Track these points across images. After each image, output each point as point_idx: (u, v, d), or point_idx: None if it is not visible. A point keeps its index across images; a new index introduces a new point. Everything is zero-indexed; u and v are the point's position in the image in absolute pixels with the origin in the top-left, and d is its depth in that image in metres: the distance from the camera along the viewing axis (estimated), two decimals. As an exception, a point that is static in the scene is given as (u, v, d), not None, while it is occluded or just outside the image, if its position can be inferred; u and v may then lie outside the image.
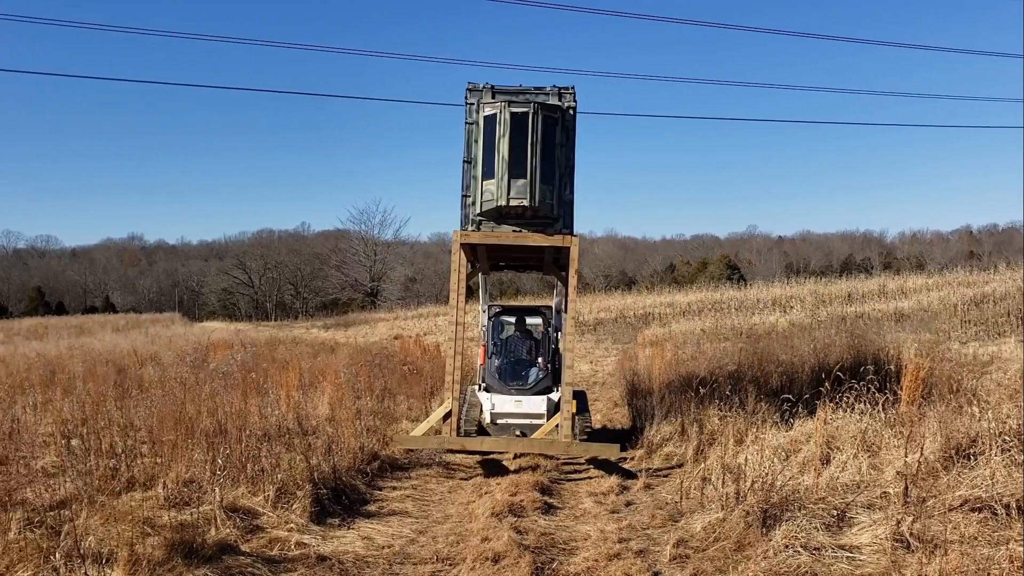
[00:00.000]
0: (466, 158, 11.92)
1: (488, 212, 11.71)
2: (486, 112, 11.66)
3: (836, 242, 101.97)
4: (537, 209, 11.53)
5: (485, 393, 13.82)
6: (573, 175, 12.03)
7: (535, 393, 13.64)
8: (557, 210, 11.82)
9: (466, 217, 11.99)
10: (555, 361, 13.95)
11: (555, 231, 11.92)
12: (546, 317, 14.49)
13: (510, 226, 11.92)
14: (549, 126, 11.62)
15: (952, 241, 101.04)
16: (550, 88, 11.90)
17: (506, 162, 11.40)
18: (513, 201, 11.41)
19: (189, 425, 10.56)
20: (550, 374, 13.82)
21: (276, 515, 8.76)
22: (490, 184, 11.56)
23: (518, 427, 13.37)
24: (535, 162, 11.41)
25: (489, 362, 14.19)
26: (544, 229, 11.90)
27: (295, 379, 16.58)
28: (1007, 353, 21.66)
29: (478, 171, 11.71)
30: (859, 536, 7.68)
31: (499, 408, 13.55)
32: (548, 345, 14.18)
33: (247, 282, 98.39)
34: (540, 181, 11.43)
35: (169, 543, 7.32)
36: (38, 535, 7.22)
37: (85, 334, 45.38)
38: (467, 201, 11.95)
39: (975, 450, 9.49)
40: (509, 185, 11.38)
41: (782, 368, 16.32)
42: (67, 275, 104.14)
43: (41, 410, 14.12)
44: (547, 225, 11.89)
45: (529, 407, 13.48)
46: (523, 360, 14.14)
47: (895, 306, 39.42)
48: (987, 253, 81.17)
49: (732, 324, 36.26)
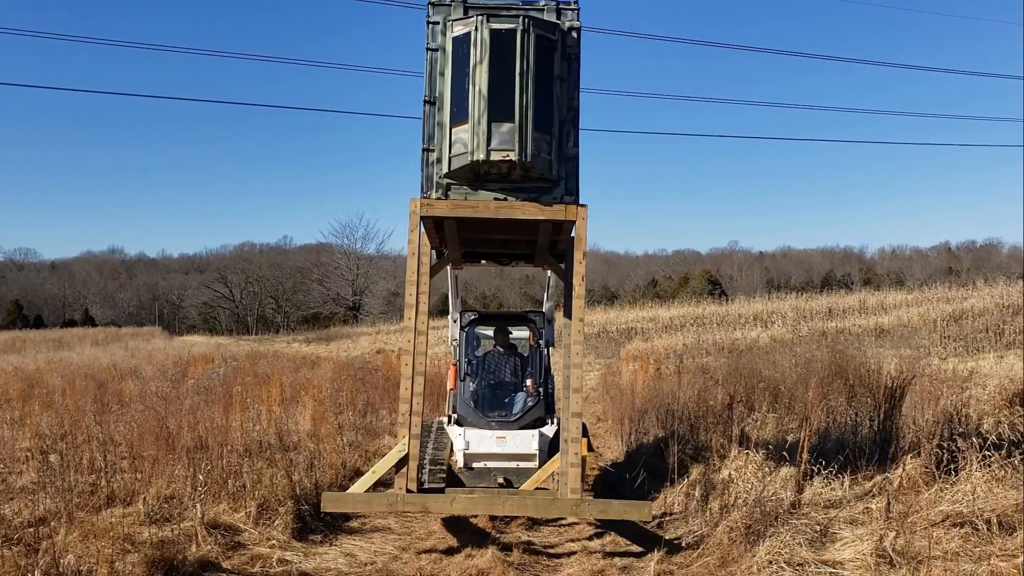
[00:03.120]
0: (427, 97, 8.50)
1: (460, 172, 8.33)
2: (456, 32, 8.32)
3: (817, 258, 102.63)
4: (529, 166, 8.17)
5: (457, 427, 10.71)
6: (578, 122, 8.66)
7: (523, 427, 10.64)
8: (557, 168, 8.42)
9: (428, 180, 8.53)
10: (547, 384, 11.10)
11: (554, 199, 8.47)
12: (535, 327, 11.52)
13: (491, 192, 8.48)
14: (544, 51, 8.28)
15: (931, 257, 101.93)
16: (544, 2, 8.56)
17: (485, 99, 8.02)
18: (495, 154, 8.04)
19: (170, 440, 10.50)
20: (542, 401, 10.89)
21: (258, 532, 8.70)
22: (462, 131, 8.21)
23: (500, 473, 10.46)
24: (526, 100, 8.05)
25: (462, 386, 11.13)
26: (539, 196, 8.47)
27: (277, 394, 16.50)
28: (986, 368, 21.84)
29: (445, 115, 8.34)
30: (842, 552, 7.71)
31: (475, 447, 10.46)
32: (539, 363, 11.26)
33: (228, 296, 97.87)
34: (533, 127, 8.09)
35: (149, 560, 7.26)
36: (15, 552, 7.12)
37: (64, 348, 45.00)
38: (429, 158, 8.53)
39: (956, 466, 9.55)
40: (489, 132, 8.04)
41: (764, 383, 16.39)
42: (46, 288, 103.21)
43: (19, 425, 13.97)
44: (543, 191, 8.48)
45: (515, 445, 10.45)
46: (506, 383, 11.15)
47: (875, 321, 39.78)
48: (966, 269, 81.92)
49: (714, 339, 36.42)
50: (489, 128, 8.06)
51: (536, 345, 11.45)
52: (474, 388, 11.10)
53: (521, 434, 10.50)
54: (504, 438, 10.47)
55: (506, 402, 10.99)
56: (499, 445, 10.43)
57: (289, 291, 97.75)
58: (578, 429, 8.66)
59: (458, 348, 11.60)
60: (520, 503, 8.79)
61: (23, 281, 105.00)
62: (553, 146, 8.37)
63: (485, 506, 8.94)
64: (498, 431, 10.54)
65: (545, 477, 9.54)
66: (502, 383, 11.15)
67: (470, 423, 10.72)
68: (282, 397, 16.49)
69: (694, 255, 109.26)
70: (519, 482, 10.14)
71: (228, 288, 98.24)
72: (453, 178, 8.45)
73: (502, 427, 10.60)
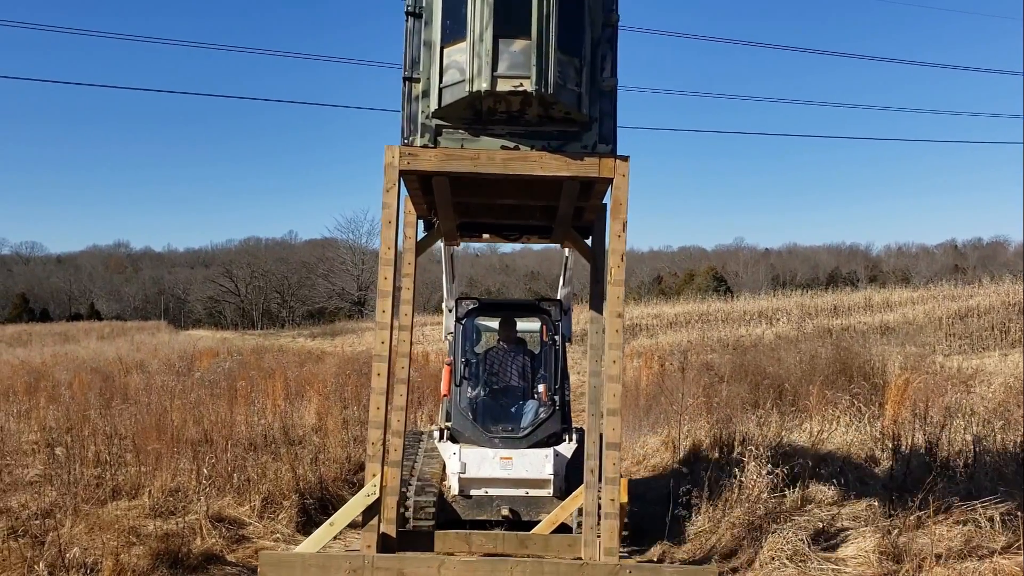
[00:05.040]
0: (410, 6, 6.29)
1: (454, 109, 6.13)
2: None
3: (822, 255, 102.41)
4: (550, 101, 5.96)
5: (451, 444, 8.73)
6: (616, 44, 6.35)
7: (534, 444, 8.64)
8: (588, 106, 6.18)
9: (411, 121, 6.30)
10: (564, 390, 9.03)
11: (584, 148, 6.23)
12: (549, 318, 9.39)
13: (497, 139, 6.22)
14: None
15: (937, 255, 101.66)
16: None
17: (490, 6, 5.81)
18: (503, 83, 5.83)
19: (175, 434, 10.53)
20: (558, 411, 8.85)
21: (262, 525, 8.76)
22: (458, 52, 6.02)
23: (505, 502, 8.47)
24: (546, 7, 5.80)
25: (457, 392, 9.02)
26: (563, 145, 6.22)
27: (281, 388, 16.54)
28: (991, 366, 21.83)
29: (434, 30, 6.16)
30: (845, 549, 7.73)
31: (474, 470, 8.47)
32: (554, 363, 9.15)
33: (233, 290, 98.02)
34: (556, 46, 5.85)
35: (154, 553, 7.30)
36: (22, 544, 7.16)
37: (70, 341, 45.11)
38: (412, 90, 6.27)
39: (960, 462, 9.57)
40: (495, 52, 5.81)
41: (768, 380, 16.39)
42: (52, 282, 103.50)
43: (25, 418, 14.02)
44: (569, 137, 6.23)
45: (524, 468, 8.46)
46: (513, 388, 9.15)
47: (881, 319, 39.74)
48: (972, 267, 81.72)
49: (719, 336, 36.42)
50: (495, 47, 5.83)
51: (550, 341, 9.30)
52: (473, 394, 9.12)
53: (531, 454, 8.52)
54: (510, 459, 8.51)
55: (513, 412, 9.00)
56: (504, 468, 8.48)
57: (294, 286, 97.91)
58: (616, 466, 6.38)
59: (453, 343, 9.43)
60: (536, 570, 6.49)
61: (29, 274, 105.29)
62: (584, 75, 6.11)
63: (487, 569, 6.55)
64: (503, 449, 8.57)
65: (566, 516, 7.83)
66: (508, 388, 9.17)
67: (468, 439, 8.75)
68: (287, 392, 16.52)
69: (700, 251, 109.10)
70: (529, 514, 8.34)
71: (233, 283, 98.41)
72: (445, 118, 6.20)
73: (507, 444, 8.64)
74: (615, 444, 6.37)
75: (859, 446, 10.69)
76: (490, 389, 9.19)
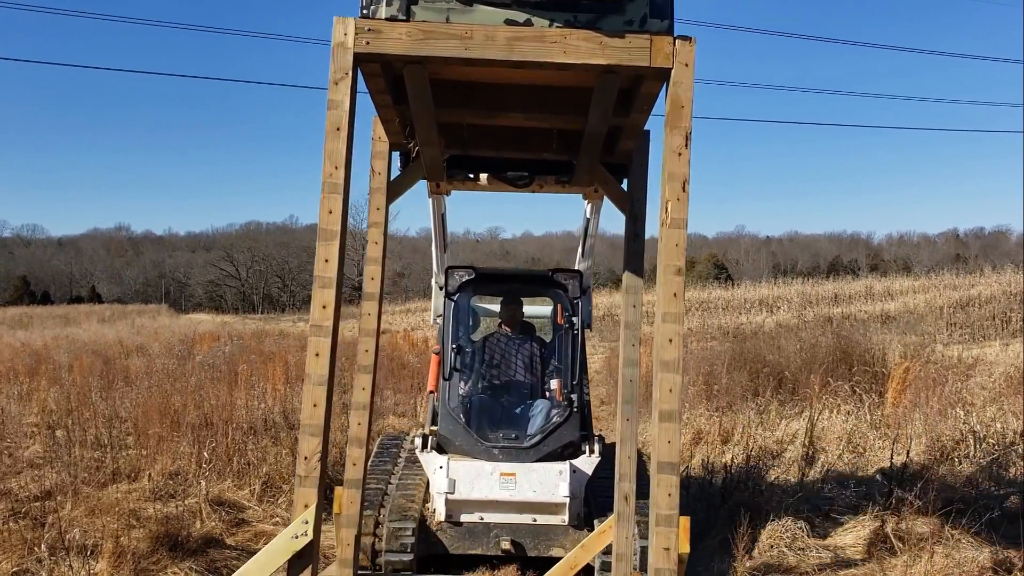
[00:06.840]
0: None
1: None
2: None
3: (823, 243, 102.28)
4: None
5: (436, 455, 6.83)
6: None
7: (544, 456, 6.77)
8: None
9: None
10: (583, 387, 7.27)
11: (630, 24, 4.08)
12: (566, 296, 7.40)
13: (498, 8, 4.10)
14: None
15: (939, 244, 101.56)
16: None
17: None
18: None
19: (175, 417, 10.54)
20: (575, 415, 6.96)
21: (262, 509, 8.77)
22: None
23: (505, 532, 6.66)
24: None
25: (447, 388, 7.08)
26: (597, 20, 4.07)
27: (282, 372, 16.54)
28: (991, 356, 21.80)
29: None
30: (844, 536, 7.75)
31: (466, 489, 6.63)
32: (570, 353, 7.21)
33: (234, 274, 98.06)
34: None
35: (154, 536, 7.31)
36: (22, 526, 7.19)
37: (71, 324, 45.12)
38: None
39: (960, 452, 9.58)
40: None
41: (768, 368, 16.39)
42: (53, 264, 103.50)
43: (26, 400, 14.04)
44: (604, 7, 4.07)
45: (531, 488, 6.62)
46: (518, 384, 7.34)
47: (881, 308, 39.72)
48: (973, 256, 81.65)
49: (719, 324, 36.40)
50: None
51: (567, 323, 7.31)
52: (466, 392, 7.22)
53: (541, 469, 6.66)
54: (513, 475, 6.63)
55: (517, 415, 7.18)
56: (505, 487, 6.64)
57: (295, 270, 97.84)
58: (673, 497, 4.15)
59: (443, 326, 7.37)
60: None
61: (30, 257, 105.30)
62: None
63: None
64: (503, 463, 6.71)
65: (590, 557, 6.05)
66: (511, 384, 7.36)
67: (458, 448, 6.86)
68: (287, 376, 16.52)
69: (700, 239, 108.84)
70: (537, 548, 6.61)
71: (234, 267, 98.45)
72: None
73: (509, 456, 6.76)
74: (671, 465, 4.14)
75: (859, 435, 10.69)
76: (489, 385, 7.33)
